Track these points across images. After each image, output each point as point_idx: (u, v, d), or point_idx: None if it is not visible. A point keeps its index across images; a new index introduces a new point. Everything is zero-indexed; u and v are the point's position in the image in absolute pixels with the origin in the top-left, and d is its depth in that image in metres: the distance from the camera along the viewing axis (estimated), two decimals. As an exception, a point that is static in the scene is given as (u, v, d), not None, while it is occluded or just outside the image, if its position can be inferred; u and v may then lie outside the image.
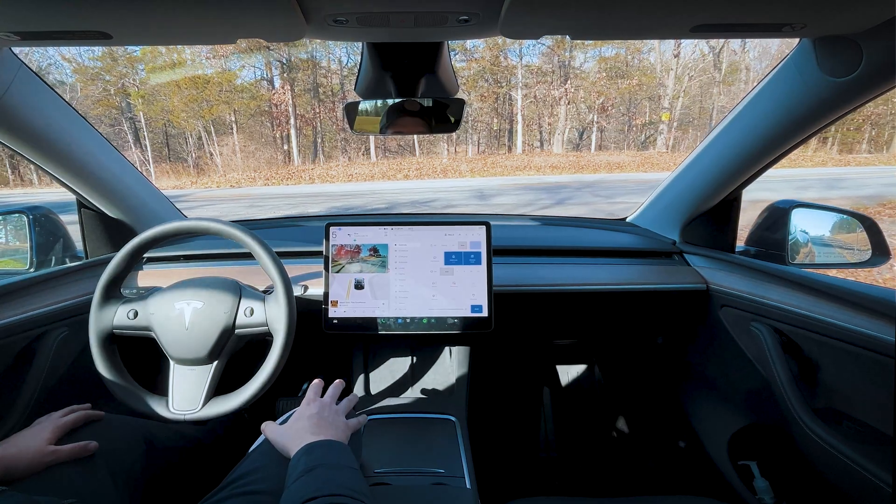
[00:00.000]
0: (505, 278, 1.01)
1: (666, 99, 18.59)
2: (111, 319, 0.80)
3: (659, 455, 1.25)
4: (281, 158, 19.94)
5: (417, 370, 1.10)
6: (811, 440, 0.76)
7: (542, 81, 19.93)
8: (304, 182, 13.45)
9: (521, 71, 19.84)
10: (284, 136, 20.10)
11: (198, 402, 0.78)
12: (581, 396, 1.52)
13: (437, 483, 0.76)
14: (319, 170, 15.32)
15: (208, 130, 19.20)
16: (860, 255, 0.99)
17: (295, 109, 19.24)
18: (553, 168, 13.97)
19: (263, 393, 0.79)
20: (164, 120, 19.21)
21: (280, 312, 0.78)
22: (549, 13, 0.54)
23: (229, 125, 19.50)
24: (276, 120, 19.89)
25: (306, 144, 20.77)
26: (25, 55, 0.76)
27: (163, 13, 0.52)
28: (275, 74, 20.43)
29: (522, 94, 19.93)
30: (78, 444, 0.65)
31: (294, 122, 19.21)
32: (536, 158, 16.23)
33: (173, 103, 18.48)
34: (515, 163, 15.20)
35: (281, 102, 19.40)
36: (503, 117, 21.29)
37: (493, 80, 19.94)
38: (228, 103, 18.92)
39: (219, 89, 18.61)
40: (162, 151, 20.55)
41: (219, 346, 0.79)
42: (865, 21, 0.58)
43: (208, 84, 18.42)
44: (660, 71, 19.39)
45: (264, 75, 20.58)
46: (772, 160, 0.91)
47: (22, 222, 1.05)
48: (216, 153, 19.03)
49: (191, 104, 18.48)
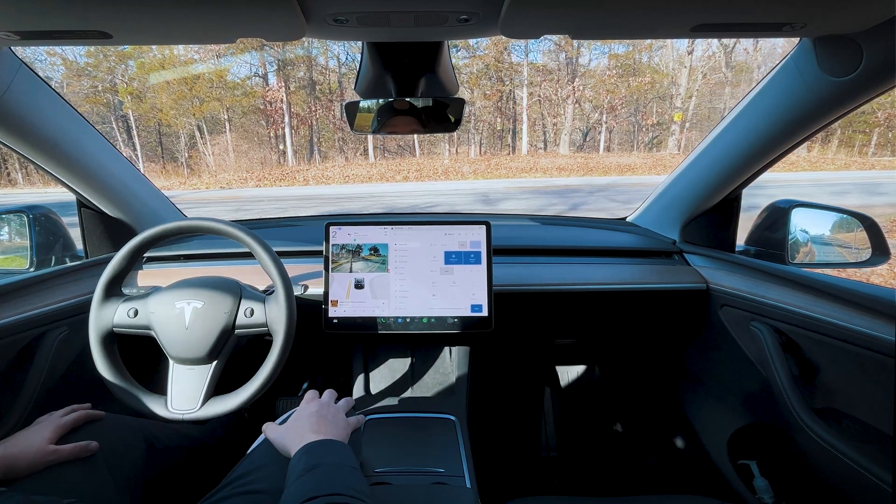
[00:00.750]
0: (505, 278, 1.01)
1: (678, 98, 18.09)
2: (111, 318, 0.79)
3: (658, 454, 1.25)
4: (275, 158, 19.13)
5: (417, 370, 1.10)
6: (811, 440, 0.76)
7: (548, 79, 19.27)
8: (298, 183, 13.05)
9: (527, 68, 19.14)
10: (279, 135, 19.27)
11: (197, 402, 0.78)
12: (581, 396, 1.52)
13: (437, 482, 0.76)
14: (315, 170, 14.83)
15: (200, 129, 18.42)
16: (860, 254, 0.99)
17: (290, 107, 18.51)
18: (560, 170, 13.43)
19: (263, 392, 0.79)
20: (156, 118, 18.31)
21: (280, 312, 0.78)
22: (548, 13, 0.54)
23: (223, 124, 18.74)
24: (271, 118, 19.06)
25: (302, 144, 19.83)
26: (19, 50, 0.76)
27: (163, 13, 0.52)
28: (269, 70, 19.53)
29: (528, 93, 19.28)
30: (79, 444, 0.65)
31: (289, 120, 18.44)
32: (542, 160, 15.74)
33: (161, 100, 17.58)
34: (520, 164, 14.69)
35: (275, 100, 18.63)
36: (506, 117, 20.53)
37: (496, 77, 19.19)
38: (220, 100, 18.00)
39: (209, 85, 17.73)
40: (156, 150, 20.05)
41: (218, 345, 0.79)
42: (866, 21, 0.58)
43: (198, 80, 17.43)
44: (672, 68, 18.59)
45: (258, 72, 19.62)
46: (772, 160, 0.91)
47: (22, 222, 1.05)
48: (208, 153, 18.42)
49: (180, 101, 17.59)
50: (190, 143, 19.18)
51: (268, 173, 14.80)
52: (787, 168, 11.91)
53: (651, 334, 1.25)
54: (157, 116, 18.19)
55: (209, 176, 15.80)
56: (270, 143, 19.81)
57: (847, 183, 8.72)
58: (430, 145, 19.37)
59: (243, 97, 18.71)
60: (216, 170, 17.38)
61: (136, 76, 17.71)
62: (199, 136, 18.65)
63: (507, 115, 20.54)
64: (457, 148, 20.00)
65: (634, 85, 18.42)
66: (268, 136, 19.70)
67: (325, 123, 19.96)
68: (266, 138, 19.79)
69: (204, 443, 0.92)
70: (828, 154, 15.15)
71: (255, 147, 19.49)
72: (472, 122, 19.54)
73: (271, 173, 14.77)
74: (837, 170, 12.10)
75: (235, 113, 19.04)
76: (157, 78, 17.32)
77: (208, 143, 18.65)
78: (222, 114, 18.51)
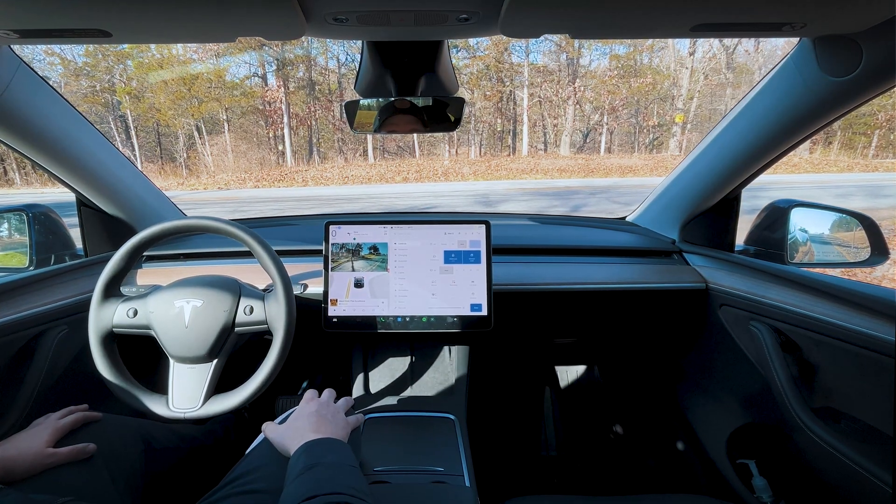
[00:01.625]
0: (504, 277, 1.02)
1: (680, 99, 17.98)
2: (111, 318, 0.79)
3: (657, 453, 1.26)
4: (274, 159, 18.86)
5: (417, 369, 1.10)
6: (810, 439, 0.76)
7: (548, 80, 19.16)
8: (296, 184, 12.89)
9: (528, 69, 18.96)
10: (279, 135, 18.99)
11: (198, 401, 0.78)
12: (580, 395, 1.52)
13: (436, 481, 0.76)
14: (314, 171, 14.60)
15: (199, 129, 18.20)
16: (859, 254, 0.99)
17: (289, 108, 18.30)
18: (561, 171, 13.25)
19: (263, 391, 0.79)
20: (154, 119, 18.15)
21: (280, 311, 0.78)
22: (548, 12, 0.54)
23: (221, 124, 18.45)
24: (270, 119, 18.82)
25: (301, 144, 19.74)
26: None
27: (162, 12, 0.52)
28: (269, 70, 19.19)
29: (528, 94, 19.07)
30: (77, 447, 0.65)
31: (287, 120, 18.16)
32: (543, 161, 15.49)
33: (160, 100, 17.22)
34: (521, 165, 14.47)
35: (274, 100, 18.41)
36: (506, 118, 20.40)
37: (497, 78, 19.00)
38: (219, 100, 17.71)
39: (208, 85, 17.50)
40: (154, 151, 19.92)
41: (218, 343, 0.79)
42: (865, 21, 0.58)
43: (196, 80, 17.15)
44: (674, 69, 18.42)
45: (257, 72, 19.33)
46: (772, 160, 0.91)
47: (22, 220, 1.05)
48: (207, 153, 18.14)
49: (179, 101, 17.27)
50: (188, 144, 18.97)
51: (266, 174, 14.57)
52: (790, 170, 11.86)
53: (650, 334, 1.25)
54: (155, 117, 17.96)
55: (208, 177, 15.65)
56: (269, 143, 19.64)
57: (850, 185, 8.69)
58: (429, 146, 19.28)
59: (242, 97, 18.51)
60: (215, 170, 17.09)
61: (135, 76, 17.49)
62: (198, 136, 18.42)
63: (507, 116, 20.46)
64: (457, 149, 19.88)
65: (636, 86, 18.24)
66: (267, 137, 19.54)
67: (325, 124, 19.81)
68: (265, 139, 19.62)
69: (203, 443, 0.92)
70: (829, 156, 15.03)
71: (253, 147, 19.23)
72: (473, 123, 19.43)
73: (270, 174, 14.53)
74: (840, 172, 11.99)
75: (234, 113, 18.86)
76: (155, 77, 17.13)
77: (206, 144, 18.45)
78: (221, 114, 18.28)
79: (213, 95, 17.72)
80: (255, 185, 13.01)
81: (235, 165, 17.76)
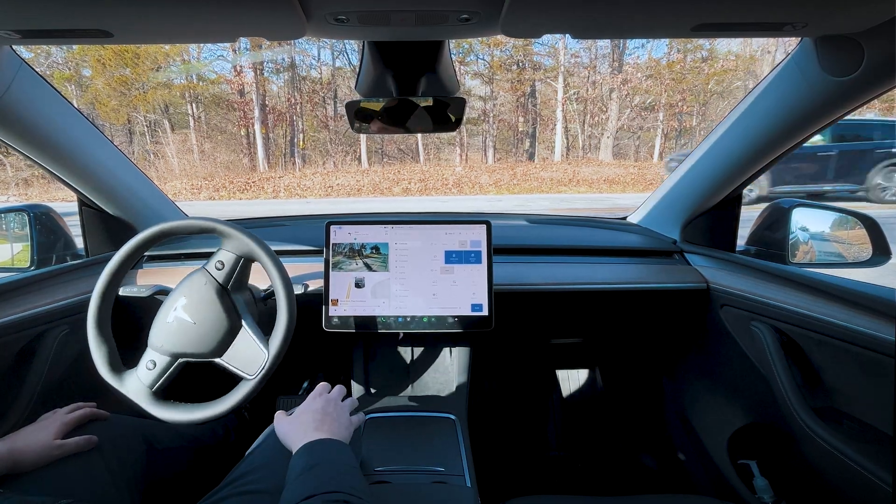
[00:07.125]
0: (505, 277, 1.01)
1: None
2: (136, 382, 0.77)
3: (658, 454, 1.26)
4: (246, 162, 14.98)
5: (417, 369, 1.10)
6: (811, 439, 0.76)
7: (589, 67, 15.23)
8: (264, 195, 10.54)
9: (563, 53, 14.63)
10: (251, 134, 14.92)
11: (264, 358, 0.75)
12: (580, 395, 1.52)
13: (437, 481, 0.76)
14: (289, 179, 11.88)
15: (154, 124, 14.25)
16: (861, 254, 0.99)
17: (263, 98, 14.42)
18: (610, 183, 10.37)
19: (261, 390, 0.79)
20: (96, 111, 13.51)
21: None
22: (549, 12, 0.54)
23: (183, 118, 14.53)
24: (241, 112, 14.83)
25: (281, 145, 15.83)
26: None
27: (164, 11, 0.52)
28: (242, 59, 14.50)
29: (563, 84, 14.87)
30: (83, 437, 0.67)
31: (259, 114, 14.19)
32: (583, 168, 12.23)
33: (97, 87, 13.26)
34: (554, 174, 11.46)
35: (244, 89, 14.52)
36: (530, 115, 16.26)
37: (524, 65, 14.97)
38: (168, 87, 13.62)
39: (155, 66, 13.36)
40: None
41: (228, 307, 0.77)
42: (867, 20, 0.58)
43: (139, 59, 12.71)
44: (759, 53, 12.83)
45: (223, 54, 14.91)
46: (773, 159, 0.91)
47: (23, 220, 1.05)
48: (166, 153, 14.09)
49: (120, 88, 13.14)
50: (141, 143, 14.69)
51: (229, 181, 11.76)
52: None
53: (651, 334, 1.25)
54: (96, 108, 13.59)
55: (160, 182, 12.09)
56: (240, 143, 15.46)
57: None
58: (436, 149, 16.08)
59: (202, 84, 14.19)
60: (168, 176, 13.08)
61: (74, 56, 13.10)
62: (149, 133, 14.40)
63: (530, 112, 16.37)
64: (467, 153, 16.30)
65: (709, 73, 14.00)
66: (238, 136, 15.39)
67: (309, 119, 15.95)
68: (235, 137, 15.44)
69: (204, 443, 0.92)
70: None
71: (220, 147, 15.11)
72: (491, 121, 15.72)
73: (233, 182, 11.70)
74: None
75: (198, 106, 14.75)
76: (84, 53, 12.63)
77: (149, 143, 14.49)
78: (185, 106, 14.29)
79: (162, 80, 13.64)
80: (210, 195, 10.77)
81: (201, 169, 13.82)
